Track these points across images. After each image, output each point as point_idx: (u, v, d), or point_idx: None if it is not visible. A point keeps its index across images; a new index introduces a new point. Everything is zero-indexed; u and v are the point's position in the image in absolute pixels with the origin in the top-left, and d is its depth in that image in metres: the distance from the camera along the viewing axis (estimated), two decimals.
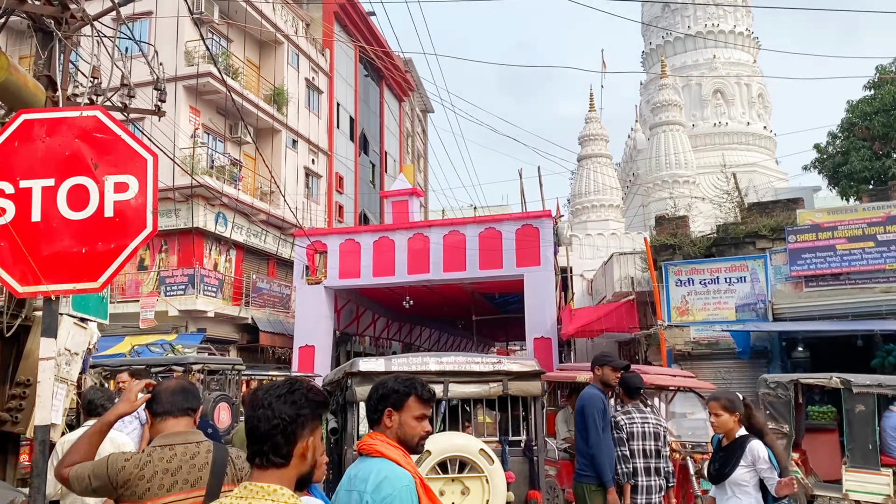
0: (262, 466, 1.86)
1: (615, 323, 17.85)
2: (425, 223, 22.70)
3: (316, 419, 1.97)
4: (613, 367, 5.60)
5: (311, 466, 1.97)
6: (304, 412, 1.92)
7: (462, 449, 4.46)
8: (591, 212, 24.14)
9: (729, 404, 4.72)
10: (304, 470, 1.94)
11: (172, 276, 21.77)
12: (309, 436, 1.93)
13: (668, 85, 24.76)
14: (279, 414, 1.89)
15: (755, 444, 4.55)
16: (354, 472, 2.53)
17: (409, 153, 41.79)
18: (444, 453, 4.40)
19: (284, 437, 1.87)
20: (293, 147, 27.04)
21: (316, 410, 1.96)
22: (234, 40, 25.00)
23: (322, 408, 1.99)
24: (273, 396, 1.92)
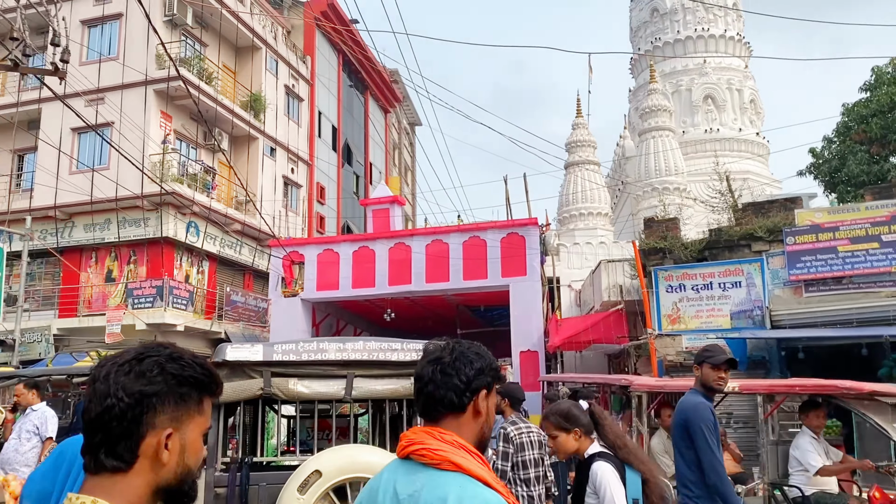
0: (93, 471, 1.28)
1: (603, 333, 16.90)
2: (407, 232, 21.77)
3: (184, 403, 1.35)
4: (714, 366, 4.44)
5: (181, 476, 1.34)
6: (155, 390, 1.32)
7: (368, 469, 3.40)
8: (579, 220, 23.26)
9: (563, 421, 3.69)
10: (165, 479, 1.31)
11: (140, 287, 20.74)
12: (168, 427, 1.32)
13: (657, 90, 24.00)
14: (117, 391, 1.30)
15: (597, 466, 3.53)
16: (411, 492, 1.68)
17: (395, 166, 40.97)
18: (341, 475, 3.32)
19: (122, 425, 1.28)
20: (271, 155, 26.13)
21: (180, 389, 1.35)
22: (209, 45, 24.17)
23: (197, 388, 1.38)
24: (115, 366, 1.34)
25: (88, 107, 21.71)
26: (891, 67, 20.31)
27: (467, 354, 1.84)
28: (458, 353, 1.83)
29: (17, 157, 23.62)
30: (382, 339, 4.02)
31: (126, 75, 21.59)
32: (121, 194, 20.57)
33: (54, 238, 21.94)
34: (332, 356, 3.51)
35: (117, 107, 21.53)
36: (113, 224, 21.48)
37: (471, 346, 1.89)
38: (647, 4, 28.93)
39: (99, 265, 22.02)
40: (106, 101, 21.80)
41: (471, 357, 1.83)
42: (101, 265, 22.00)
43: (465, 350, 1.85)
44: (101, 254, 22.08)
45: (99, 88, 21.83)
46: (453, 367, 1.79)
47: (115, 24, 22.34)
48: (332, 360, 3.48)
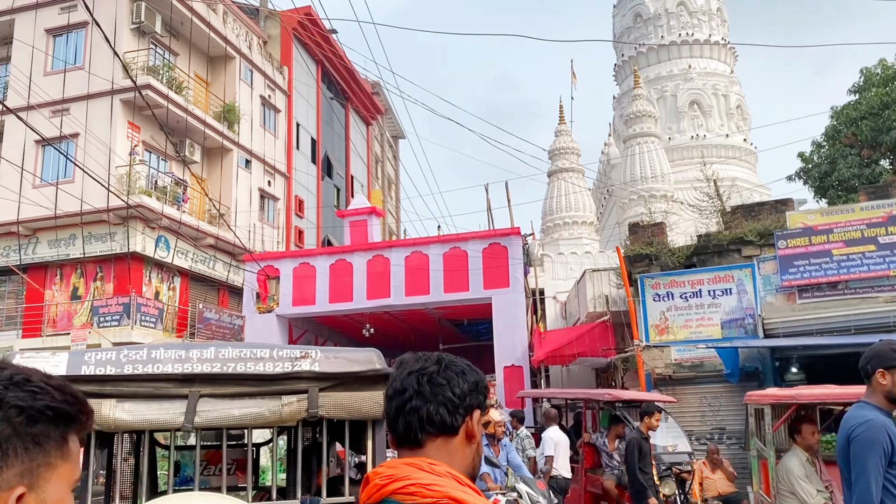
0: None
1: (589, 346, 16.16)
2: (385, 244, 21.02)
3: (38, 448, 0.95)
4: None
5: None
6: None
7: None
8: (563, 229, 22.55)
9: None
10: None
11: (106, 305, 19.83)
12: (16, 486, 0.92)
13: (641, 95, 23.43)
14: None
15: None
16: None
17: (378, 179, 40.26)
18: None
19: None
20: (246, 167, 25.34)
21: (31, 429, 0.95)
22: (180, 54, 23.43)
23: (57, 423, 0.98)
24: None
25: (53, 118, 20.93)
26: (880, 69, 19.82)
27: (458, 365, 1.54)
28: (448, 363, 1.53)
29: None
30: (245, 344, 3.14)
31: (92, 85, 20.79)
32: (86, 208, 19.72)
33: (18, 255, 21.02)
34: (170, 369, 2.62)
35: (83, 118, 20.73)
36: (78, 239, 20.60)
37: (459, 358, 1.59)
38: (630, 10, 28.48)
39: (64, 282, 21.11)
40: (71, 112, 21.01)
41: (463, 368, 1.53)
42: (67, 282, 21.09)
43: (454, 360, 1.56)
44: (67, 270, 21.18)
45: (64, 99, 21.04)
46: (445, 377, 1.48)
47: (80, 32, 21.58)
48: (169, 375, 2.59)
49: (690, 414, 12.68)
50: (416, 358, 1.57)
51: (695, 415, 12.69)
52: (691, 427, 12.53)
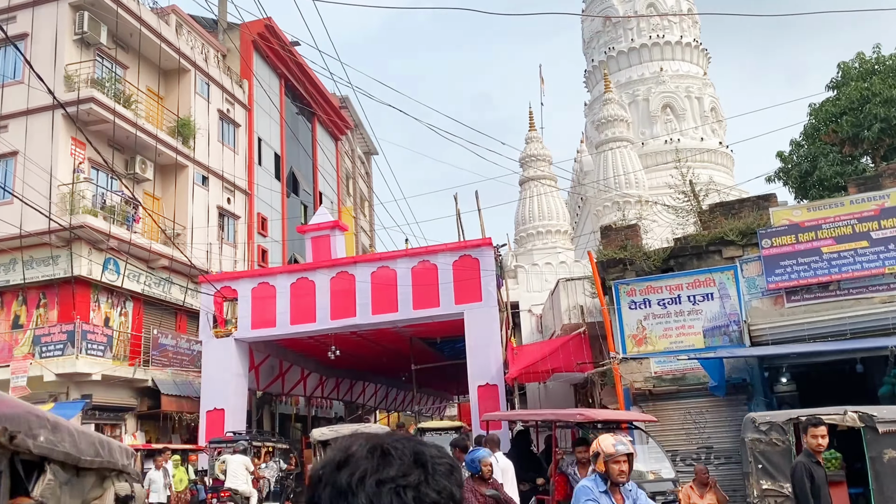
0: None
1: (564, 361, 15.04)
2: (349, 260, 19.79)
3: None
4: None
5: None
6: None
7: None
8: (537, 239, 21.51)
9: None
10: None
11: (49, 333, 18.48)
12: None
13: (612, 100, 22.60)
14: None
15: None
16: None
17: (349, 195, 39.14)
18: None
19: None
20: (203, 184, 24.13)
21: None
22: (129, 67, 22.26)
23: None
24: None
25: None
26: (857, 62, 19.11)
27: (445, 460, 1.06)
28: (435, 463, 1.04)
29: None
30: None
31: (32, 100, 19.55)
32: (25, 230, 18.43)
33: None
34: None
35: (22, 135, 19.48)
36: (19, 264, 19.26)
37: (437, 446, 1.08)
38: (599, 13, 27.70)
39: (5, 310, 19.72)
40: (9, 129, 19.76)
41: (450, 464, 1.07)
42: (8, 310, 19.71)
43: (438, 453, 1.07)
44: (8, 298, 19.80)
45: (1, 115, 19.79)
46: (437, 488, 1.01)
47: (20, 44, 20.34)
48: None
49: (674, 432, 11.60)
50: (379, 452, 1.03)
51: (678, 433, 11.61)
52: (675, 447, 11.44)
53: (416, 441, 1.08)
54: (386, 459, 1.01)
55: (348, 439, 1.08)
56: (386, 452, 1.02)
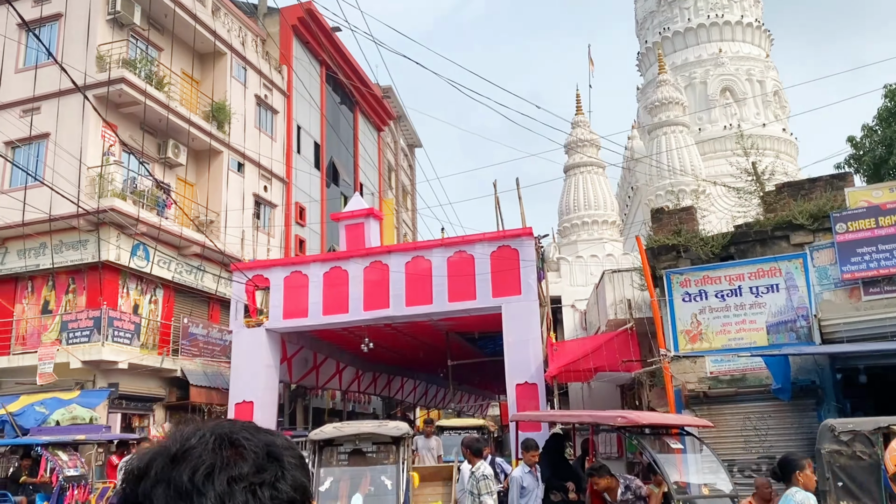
0: None
1: (608, 359, 13.81)
2: (383, 249, 18.80)
3: None
4: None
5: None
6: None
7: None
8: (582, 229, 20.19)
9: None
10: None
11: (76, 319, 18.01)
12: None
13: (667, 81, 21.14)
14: None
15: None
16: None
17: (391, 188, 38.32)
18: None
19: None
20: (238, 171, 23.52)
21: None
22: (164, 49, 21.76)
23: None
24: None
25: (23, 118, 19.37)
26: None
27: (294, 451, 0.97)
28: (285, 454, 0.94)
29: None
30: None
31: (64, 81, 19.10)
32: (54, 213, 18.01)
33: None
34: None
35: (54, 116, 19.11)
36: (49, 249, 18.88)
37: (280, 435, 0.98)
38: None
39: (35, 296, 19.37)
40: (42, 110, 19.41)
41: (301, 456, 0.97)
42: (38, 295, 19.35)
43: (286, 444, 0.96)
44: (38, 283, 19.45)
45: (35, 97, 19.46)
46: (292, 483, 0.92)
47: (54, 25, 20.02)
48: None
49: (731, 440, 10.30)
50: (228, 444, 0.90)
51: (736, 441, 10.30)
52: (732, 456, 10.15)
53: (263, 431, 0.95)
54: (237, 452, 0.88)
55: (186, 427, 0.94)
56: (235, 444, 0.89)
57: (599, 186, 20.32)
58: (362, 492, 8.51)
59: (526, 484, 7.61)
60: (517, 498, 7.66)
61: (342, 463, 9.46)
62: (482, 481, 7.17)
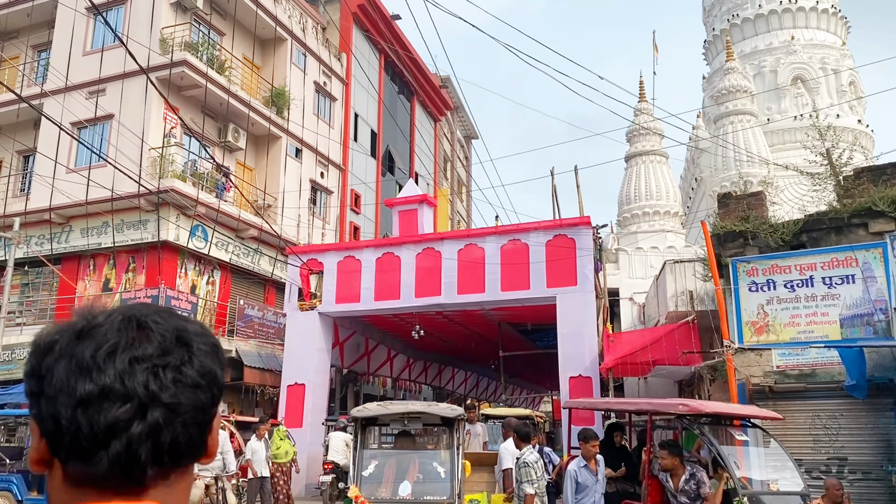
0: None
1: (667, 352, 13.28)
2: (436, 236, 18.61)
3: None
4: None
5: None
6: None
7: None
8: (643, 220, 19.56)
9: None
10: None
11: (135, 297, 18.34)
12: None
13: (735, 69, 20.31)
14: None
15: None
16: None
17: (446, 179, 38.13)
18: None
19: None
20: (296, 157, 23.64)
21: None
22: (226, 34, 21.99)
23: None
24: None
25: (89, 99, 19.81)
26: None
27: (208, 337, 0.92)
28: (197, 339, 0.90)
29: (22, 158, 21.88)
30: None
31: (128, 63, 19.47)
32: (117, 192, 18.38)
33: (51, 244, 19.92)
34: None
35: (118, 98, 19.49)
36: (111, 227, 19.28)
37: (191, 319, 0.93)
38: None
39: (97, 273, 19.82)
40: (107, 92, 19.82)
41: (215, 342, 0.92)
42: (99, 273, 19.79)
43: (199, 329, 0.92)
44: (100, 261, 19.90)
45: (100, 79, 19.88)
46: (200, 368, 0.88)
47: (120, 9, 20.41)
48: None
49: (798, 438, 9.74)
50: (135, 324, 0.87)
51: (804, 439, 9.73)
52: (799, 455, 9.58)
53: (177, 317, 0.91)
54: (143, 334, 0.85)
55: (96, 307, 0.90)
56: (143, 326, 0.86)
57: (662, 176, 19.67)
58: (410, 479, 7.81)
59: (581, 479, 6.79)
60: (571, 494, 6.79)
61: (387, 445, 8.84)
62: (523, 469, 6.74)
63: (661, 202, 19.34)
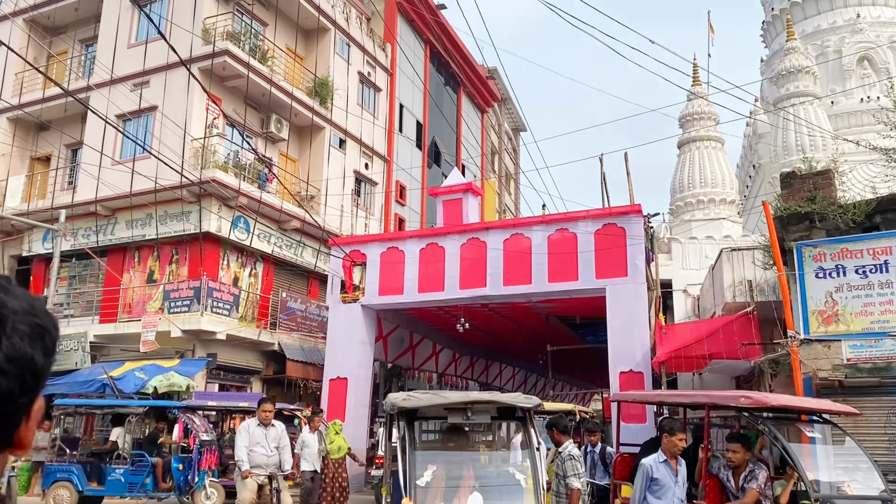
0: None
1: (725, 345, 12.47)
2: (481, 225, 18.02)
3: None
4: None
5: None
6: None
7: None
8: (697, 208, 18.63)
9: None
10: None
11: (177, 289, 18.28)
12: None
13: (796, 49, 19.21)
14: None
15: None
16: None
17: (494, 172, 37.50)
18: None
19: None
20: (340, 147, 23.36)
21: None
22: (268, 24, 21.82)
23: None
24: None
25: (134, 91, 19.84)
26: None
27: (36, 320, 0.82)
28: (12, 319, 0.79)
29: (70, 152, 22.11)
30: None
31: (171, 54, 19.41)
32: (158, 185, 18.34)
33: (97, 236, 20.05)
34: None
35: (161, 90, 19.46)
36: (154, 219, 19.28)
37: (20, 296, 0.83)
38: None
39: (141, 265, 19.85)
40: (150, 84, 19.82)
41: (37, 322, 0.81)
42: (144, 265, 19.82)
43: (17, 308, 0.80)
44: (144, 253, 19.93)
45: (144, 71, 19.89)
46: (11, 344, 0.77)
47: (164, 0, 20.40)
48: None
49: (872, 437, 8.90)
50: None
51: (879, 439, 8.89)
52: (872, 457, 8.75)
53: (2, 288, 0.78)
54: None
55: None
56: None
57: (717, 162, 18.70)
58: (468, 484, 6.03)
59: (659, 475, 5.96)
60: (642, 491, 5.93)
61: (444, 444, 6.84)
62: (569, 461, 6.16)
63: (717, 189, 18.38)
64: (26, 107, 21.61)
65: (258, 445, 9.13)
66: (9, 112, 22.17)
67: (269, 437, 9.22)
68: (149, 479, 12.53)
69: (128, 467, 12.58)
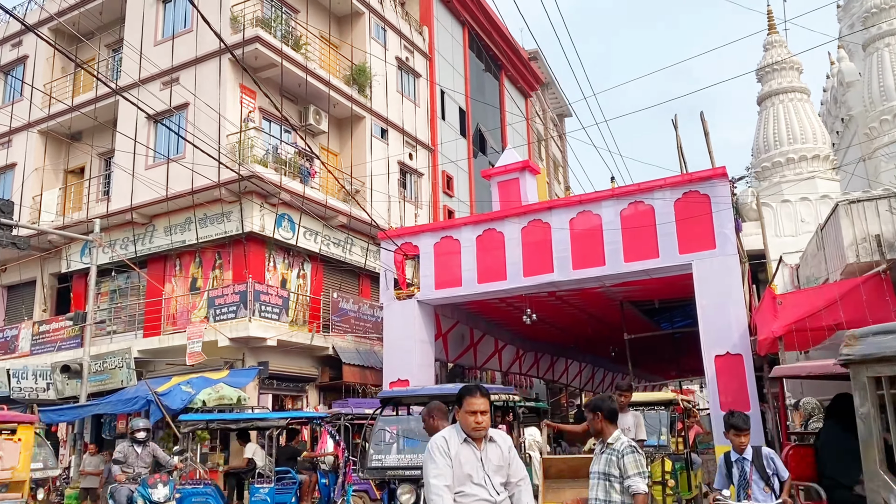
0: None
1: (852, 314, 10.57)
2: (542, 205, 16.24)
3: None
4: None
5: None
6: None
7: None
8: (787, 168, 16.65)
9: None
10: None
11: (222, 295, 17.01)
12: None
13: None
14: None
15: None
16: None
17: (541, 159, 35.76)
18: None
19: None
20: (382, 137, 21.95)
21: None
22: (299, 10, 20.53)
23: None
24: None
25: (164, 90, 18.71)
26: None
27: None
28: None
29: (104, 161, 21.11)
30: None
31: (200, 47, 18.32)
32: (196, 184, 17.14)
33: (135, 246, 18.94)
34: None
35: (192, 85, 18.28)
36: (193, 223, 18.08)
37: None
38: None
39: (183, 273, 18.68)
40: (181, 80, 18.66)
41: None
42: (186, 273, 18.64)
43: None
44: (185, 260, 18.75)
45: (173, 67, 18.75)
46: None
47: None
48: None
49: None
50: None
51: None
52: None
53: None
54: None
55: None
56: None
57: (805, 115, 16.72)
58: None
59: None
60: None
61: None
62: (630, 456, 4.41)
63: (808, 145, 16.39)
64: (57, 117, 20.72)
65: (469, 481, 3.98)
66: (39, 125, 21.31)
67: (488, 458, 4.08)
68: (295, 497, 11.38)
69: (273, 486, 11.33)
